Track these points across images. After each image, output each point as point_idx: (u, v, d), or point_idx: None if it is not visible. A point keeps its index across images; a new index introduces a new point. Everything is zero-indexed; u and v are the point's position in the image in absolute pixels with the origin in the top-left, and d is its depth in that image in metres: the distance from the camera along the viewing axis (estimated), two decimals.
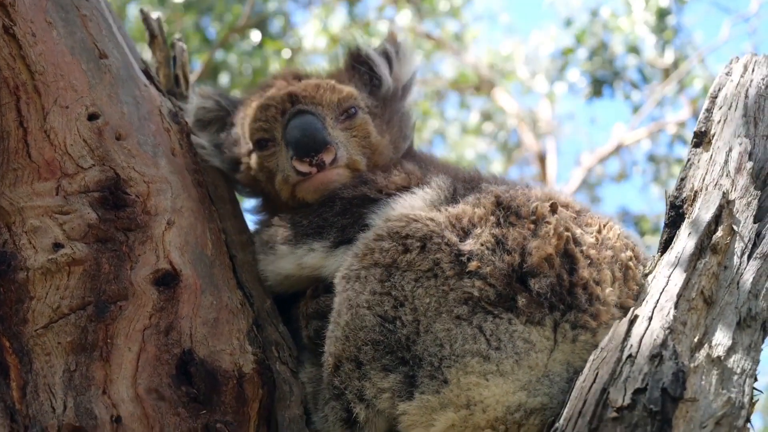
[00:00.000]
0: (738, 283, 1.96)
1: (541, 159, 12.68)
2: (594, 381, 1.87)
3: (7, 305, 2.20)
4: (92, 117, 2.35)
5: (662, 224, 2.22)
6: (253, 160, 2.62)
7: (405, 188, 2.41)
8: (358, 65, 2.77)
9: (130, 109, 2.43)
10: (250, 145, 2.62)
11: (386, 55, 2.78)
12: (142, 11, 2.99)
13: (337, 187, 2.49)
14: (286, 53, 10.03)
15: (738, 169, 2.13)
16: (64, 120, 2.30)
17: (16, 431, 2.12)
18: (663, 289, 1.95)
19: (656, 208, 13.66)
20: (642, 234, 11.30)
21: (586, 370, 1.93)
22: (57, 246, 2.23)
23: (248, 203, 2.84)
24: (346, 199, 2.45)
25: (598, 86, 12.02)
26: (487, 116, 14.23)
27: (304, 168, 2.46)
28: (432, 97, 13.77)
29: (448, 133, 14.30)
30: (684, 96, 12.32)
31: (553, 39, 12.90)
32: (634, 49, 11.76)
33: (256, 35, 9.93)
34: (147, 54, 3.02)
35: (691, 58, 11.97)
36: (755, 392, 1.90)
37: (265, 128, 2.58)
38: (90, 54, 2.40)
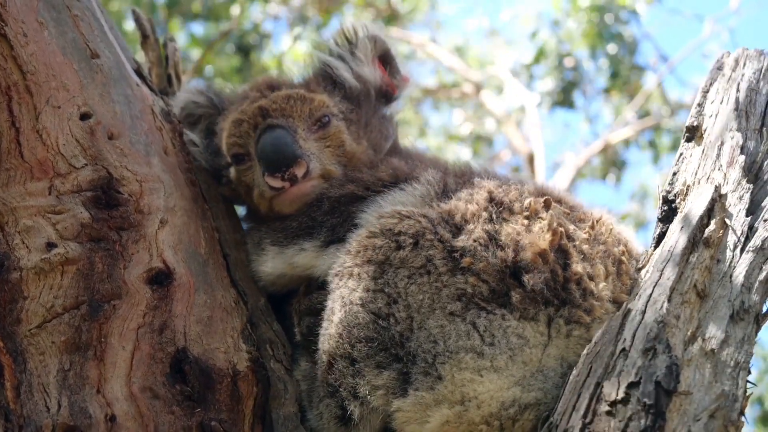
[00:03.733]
0: (731, 277, 1.97)
1: (530, 159, 12.72)
2: (588, 375, 1.87)
3: (0, 305, 2.19)
4: (84, 116, 2.34)
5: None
6: (232, 173, 2.62)
7: (393, 184, 2.41)
8: (330, 73, 2.72)
9: (122, 109, 2.43)
10: (228, 159, 2.62)
11: (341, 57, 2.73)
12: (134, 12, 2.99)
13: (324, 187, 2.49)
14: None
15: (730, 163, 2.13)
16: (56, 120, 2.29)
17: (10, 431, 2.12)
18: (656, 283, 1.95)
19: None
20: None
21: (579, 365, 1.94)
22: (50, 245, 2.22)
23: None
24: (333, 198, 2.45)
25: (560, 97, 12.20)
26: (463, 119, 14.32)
27: (276, 183, 2.46)
28: (410, 103, 13.85)
29: (428, 138, 14.37)
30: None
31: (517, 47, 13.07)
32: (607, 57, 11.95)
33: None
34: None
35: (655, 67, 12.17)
36: (749, 385, 1.90)
37: (240, 143, 2.58)
38: (82, 54, 2.40)
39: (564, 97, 12.18)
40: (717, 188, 2.07)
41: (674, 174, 2.23)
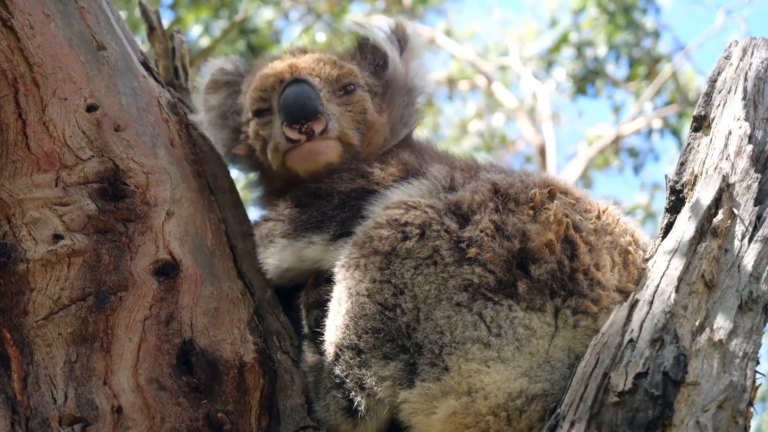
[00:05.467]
0: (739, 267, 1.96)
1: (542, 151, 12.71)
2: (595, 366, 1.86)
3: (7, 297, 2.20)
4: (91, 108, 2.35)
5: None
6: (251, 128, 2.65)
7: (402, 179, 2.41)
8: (365, 49, 2.79)
9: (128, 101, 2.43)
10: (250, 114, 2.66)
11: (393, 41, 2.79)
12: (140, 3, 2.99)
13: (335, 179, 2.49)
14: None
15: (738, 153, 2.12)
16: (62, 112, 2.30)
17: (17, 422, 2.12)
18: (663, 273, 1.94)
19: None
20: None
21: (587, 356, 1.93)
22: (57, 237, 2.23)
23: (250, 197, 2.85)
24: (343, 193, 2.45)
25: (582, 84, 12.16)
26: (480, 113, 14.31)
27: (293, 135, 2.48)
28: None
29: (442, 129, 14.39)
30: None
31: (535, 37, 13.04)
32: (615, 47, 11.92)
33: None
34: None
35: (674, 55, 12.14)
36: (757, 376, 1.89)
37: (264, 97, 2.62)
38: (88, 46, 2.41)
39: (585, 86, 12.15)
40: (725, 178, 2.06)
41: (682, 164, 2.22)
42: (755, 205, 2.04)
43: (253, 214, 2.73)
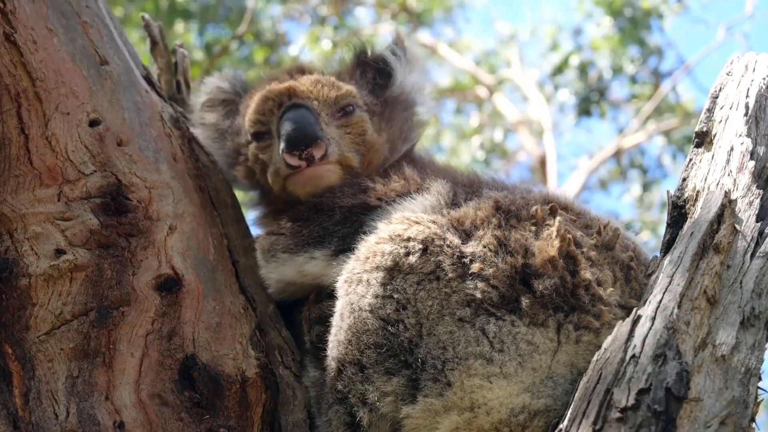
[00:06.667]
0: (741, 282, 1.95)
1: (542, 163, 12.72)
2: (598, 382, 1.86)
3: (9, 312, 2.19)
4: (93, 123, 2.36)
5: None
6: (250, 151, 2.65)
7: (405, 194, 2.41)
8: (364, 64, 2.79)
9: (131, 115, 2.44)
10: (248, 137, 2.66)
11: (395, 55, 2.79)
12: (143, 18, 2.99)
13: (336, 194, 2.49)
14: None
15: (740, 169, 2.12)
16: (65, 126, 2.30)
17: None
18: (666, 289, 1.94)
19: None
20: None
21: (589, 371, 1.92)
22: (59, 252, 2.23)
23: (251, 213, 2.85)
24: (345, 208, 2.45)
25: (586, 106, 12.19)
26: (479, 127, 14.33)
27: (293, 161, 2.49)
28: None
29: (444, 140, 14.40)
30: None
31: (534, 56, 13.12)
32: (618, 68, 11.95)
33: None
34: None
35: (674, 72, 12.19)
36: (760, 391, 1.89)
37: (262, 121, 2.62)
38: (91, 60, 2.41)
39: (589, 107, 12.17)
40: (727, 194, 2.06)
41: (684, 179, 2.22)
42: (757, 221, 2.04)
43: (255, 228, 2.74)
